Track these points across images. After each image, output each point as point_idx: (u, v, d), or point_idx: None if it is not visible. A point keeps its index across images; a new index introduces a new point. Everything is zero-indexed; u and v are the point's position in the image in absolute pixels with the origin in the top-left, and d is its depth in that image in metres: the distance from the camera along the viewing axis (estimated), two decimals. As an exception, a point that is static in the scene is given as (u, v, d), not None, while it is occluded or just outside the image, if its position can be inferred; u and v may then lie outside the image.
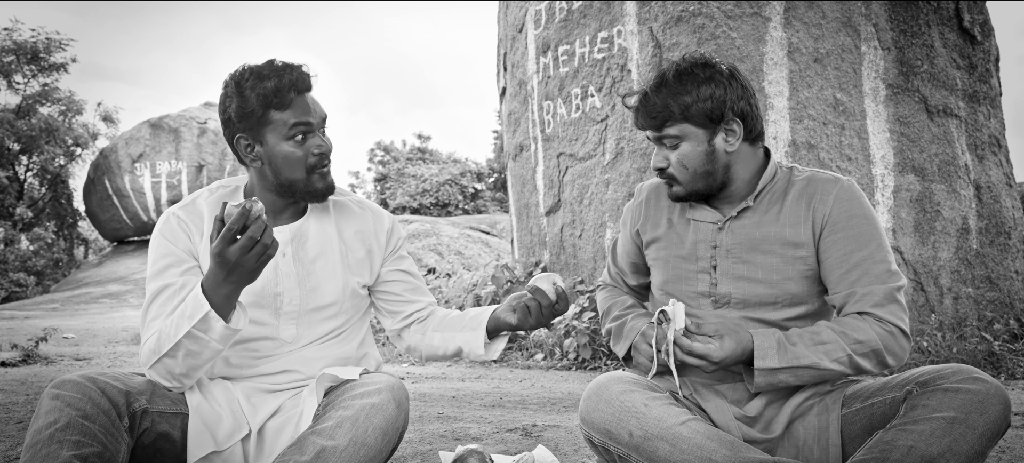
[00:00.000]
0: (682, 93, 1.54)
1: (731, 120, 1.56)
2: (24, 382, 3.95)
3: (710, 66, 1.57)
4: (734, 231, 1.62)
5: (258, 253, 1.40)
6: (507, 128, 6.45)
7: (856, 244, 1.53)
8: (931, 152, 4.64)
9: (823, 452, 1.48)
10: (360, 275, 1.77)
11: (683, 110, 1.55)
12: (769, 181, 1.63)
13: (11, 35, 20.72)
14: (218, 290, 1.43)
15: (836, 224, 1.55)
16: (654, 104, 1.57)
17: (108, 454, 1.38)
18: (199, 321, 1.44)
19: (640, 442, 1.43)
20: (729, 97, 1.55)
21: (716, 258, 1.63)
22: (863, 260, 1.52)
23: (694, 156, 1.57)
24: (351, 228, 1.78)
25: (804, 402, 1.53)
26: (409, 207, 22.97)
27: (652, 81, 1.60)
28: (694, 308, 1.64)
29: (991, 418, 1.30)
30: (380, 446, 1.47)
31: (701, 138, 1.57)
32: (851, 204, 1.55)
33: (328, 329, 1.73)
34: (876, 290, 1.50)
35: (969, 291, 4.63)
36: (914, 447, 1.29)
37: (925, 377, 1.39)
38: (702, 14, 4.65)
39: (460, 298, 6.37)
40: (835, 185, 1.58)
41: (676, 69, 1.57)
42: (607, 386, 1.51)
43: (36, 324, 9.08)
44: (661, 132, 1.58)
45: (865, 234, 1.53)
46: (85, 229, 24.93)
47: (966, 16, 4.94)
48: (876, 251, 1.52)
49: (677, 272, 1.67)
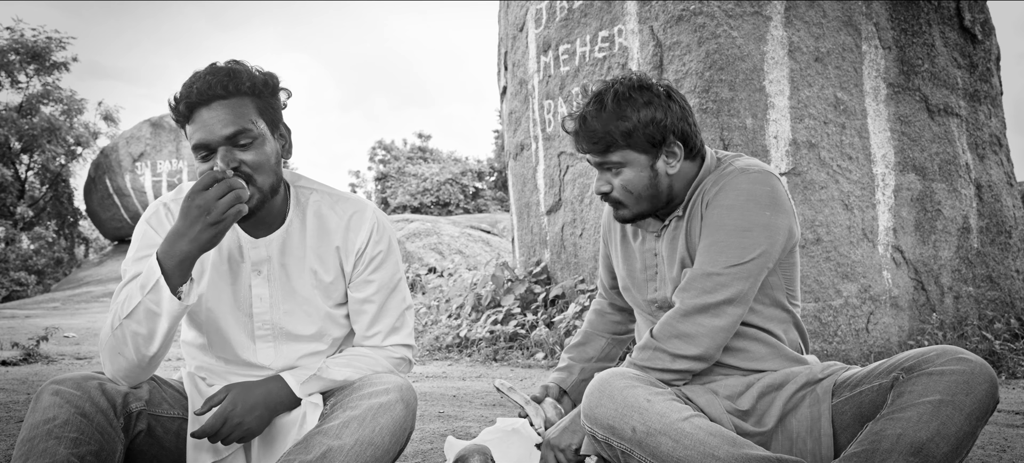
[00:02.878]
0: (622, 119, 1.55)
1: (672, 143, 1.59)
2: (25, 381, 3.95)
3: (648, 88, 1.58)
4: (665, 238, 1.68)
5: (230, 201, 1.33)
6: (508, 127, 6.45)
7: (706, 232, 1.57)
8: (932, 151, 4.64)
9: (816, 443, 1.49)
10: (332, 297, 1.65)
11: (625, 136, 1.56)
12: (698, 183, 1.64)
13: (13, 34, 20.74)
14: (176, 245, 1.35)
15: (706, 214, 1.59)
16: (594, 129, 1.57)
17: (104, 453, 1.37)
18: (151, 290, 1.36)
19: (643, 437, 1.43)
20: (669, 119, 1.57)
21: (658, 266, 1.69)
22: (703, 249, 1.57)
23: (637, 181, 1.60)
24: (328, 246, 1.62)
25: (796, 394, 1.54)
26: (410, 206, 22.98)
27: (590, 105, 1.59)
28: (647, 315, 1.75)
29: (978, 397, 1.31)
30: (387, 446, 1.45)
31: (643, 164, 1.59)
32: (723, 195, 1.57)
33: (310, 350, 1.64)
34: (685, 278, 1.57)
35: (970, 290, 4.63)
36: (903, 434, 1.30)
37: (910, 362, 1.40)
38: (703, 13, 4.65)
39: (461, 297, 6.37)
40: (729, 178, 1.58)
41: (614, 92, 1.57)
42: (610, 382, 1.51)
43: (37, 323, 9.09)
44: (603, 158, 1.60)
45: (716, 224, 1.56)
46: (86, 228, 24.93)
47: (967, 15, 4.94)
48: (713, 245, 1.55)
49: (631, 281, 1.77)
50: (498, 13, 6.60)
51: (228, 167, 1.41)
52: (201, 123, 1.43)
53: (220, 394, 1.49)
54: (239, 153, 1.44)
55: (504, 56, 6.40)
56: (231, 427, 1.45)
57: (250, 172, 1.45)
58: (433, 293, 7.85)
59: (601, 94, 1.59)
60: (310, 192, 1.66)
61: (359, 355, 1.64)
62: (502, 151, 22.73)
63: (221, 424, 1.45)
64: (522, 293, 5.69)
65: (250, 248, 1.59)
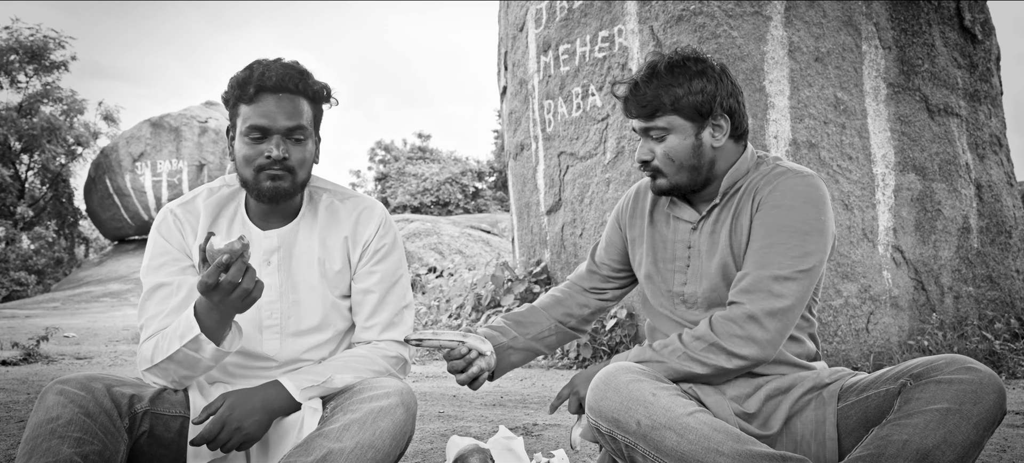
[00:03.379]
0: (673, 85, 1.56)
1: (719, 115, 1.59)
2: (25, 381, 3.95)
3: (701, 60, 1.59)
4: (704, 231, 1.64)
5: (240, 296, 1.39)
6: (508, 127, 6.45)
7: (763, 231, 1.54)
8: (932, 151, 4.64)
9: (820, 446, 1.49)
10: (338, 287, 1.69)
11: (673, 102, 1.56)
12: (741, 176, 1.63)
13: (13, 34, 20.73)
14: (209, 316, 1.44)
15: (758, 213, 1.57)
16: (644, 94, 1.58)
17: (108, 453, 1.39)
18: (190, 342, 1.45)
19: (647, 431, 1.42)
20: (719, 92, 1.58)
21: (690, 258, 1.66)
22: (760, 248, 1.54)
23: (681, 149, 1.59)
24: (337, 236, 1.68)
25: (802, 397, 1.54)
26: (410, 206, 22.97)
27: (643, 71, 1.60)
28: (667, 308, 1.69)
29: (986, 407, 1.30)
30: (388, 450, 1.46)
31: (689, 131, 1.59)
32: (780, 195, 1.56)
33: (315, 342, 1.67)
34: (748, 278, 1.52)
35: (970, 290, 4.63)
36: (909, 441, 1.29)
37: (919, 369, 1.39)
38: (703, 13, 4.65)
39: (461, 297, 6.37)
40: (781, 177, 1.58)
41: (668, 61, 1.58)
42: (615, 375, 1.50)
43: (37, 323, 9.09)
44: (650, 123, 1.60)
45: (775, 224, 1.54)
46: (86, 228, 24.94)
47: (967, 15, 4.94)
48: (774, 246, 1.52)
49: (655, 270, 1.72)
50: (498, 13, 6.60)
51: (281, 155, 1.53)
52: (265, 108, 1.53)
53: (217, 401, 1.50)
54: (291, 146, 1.56)
55: (504, 56, 6.40)
56: (229, 432, 1.46)
57: (294, 165, 1.57)
58: (433, 293, 7.85)
59: (655, 63, 1.59)
60: (323, 191, 1.73)
61: (356, 357, 1.64)
62: (502, 151, 22.72)
63: (219, 430, 1.46)
64: (522, 293, 5.69)
65: (261, 239, 1.64)
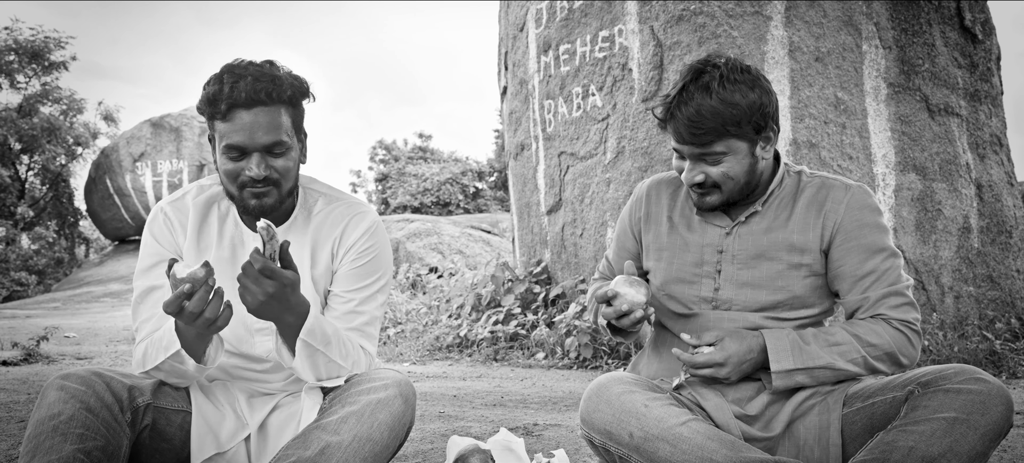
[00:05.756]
0: (732, 106, 1.45)
1: (770, 128, 1.53)
2: (25, 381, 3.95)
3: (748, 70, 1.50)
4: (742, 236, 1.60)
5: (204, 324, 1.35)
6: (508, 127, 6.45)
7: (868, 253, 1.53)
8: (932, 151, 4.64)
9: (824, 452, 1.47)
10: (320, 288, 1.64)
11: (735, 125, 1.46)
12: (778, 185, 1.61)
13: (12, 34, 20.72)
14: (185, 333, 1.43)
15: (848, 233, 1.54)
16: (704, 119, 1.45)
17: (111, 448, 1.38)
18: (173, 355, 1.45)
19: (640, 443, 1.42)
20: (770, 104, 1.51)
21: (722, 263, 1.61)
22: (875, 268, 1.53)
23: (739, 169, 1.52)
24: (327, 238, 1.63)
25: (805, 401, 1.52)
26: (410, 206, 22.96)
27: (694, 90, 1.47)
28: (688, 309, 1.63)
29: (993, 418, 1.30)
30: (386, 442, 1.45)
31: (745, 151, 1.52)
32: (862, 213, 1.55)
33: None
34: (889, 295, 1.52)
35: (970, 290, 4.63)
36: (915, 448, 1.29)
37: (927, 377, 1.39)
38: (703, 13, 4.65)
39: (461, 297, 6.37)
40: (846, 192, 1.57)
41: (720, 77, 1.46)
42: (607, 387, 1.50)
43: (37, 323, 9.08)
44: (706, 149, 1.49)
45: (877, 242, 1.54)
46: (86, 228, 24.93)
47: (967, 15, 4.93)
48: (887, 258, 1.54)
49: (679, 274, 1.65)
50: (498, 13, 6.60)
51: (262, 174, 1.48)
52: (240, 125, 1.46)
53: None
54: (272, 160, 1.50)
55: (504, 56, 6.40)
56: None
57: (278, 178, 1.51)
58: (433, 293, 7.86)
59: (703, 77, 1.46)
60: (319, 195, 1.68)
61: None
62: (502, 151, 22.72)
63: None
64: (522, 293, 5.69)
65: (252, 241, 1.61)
